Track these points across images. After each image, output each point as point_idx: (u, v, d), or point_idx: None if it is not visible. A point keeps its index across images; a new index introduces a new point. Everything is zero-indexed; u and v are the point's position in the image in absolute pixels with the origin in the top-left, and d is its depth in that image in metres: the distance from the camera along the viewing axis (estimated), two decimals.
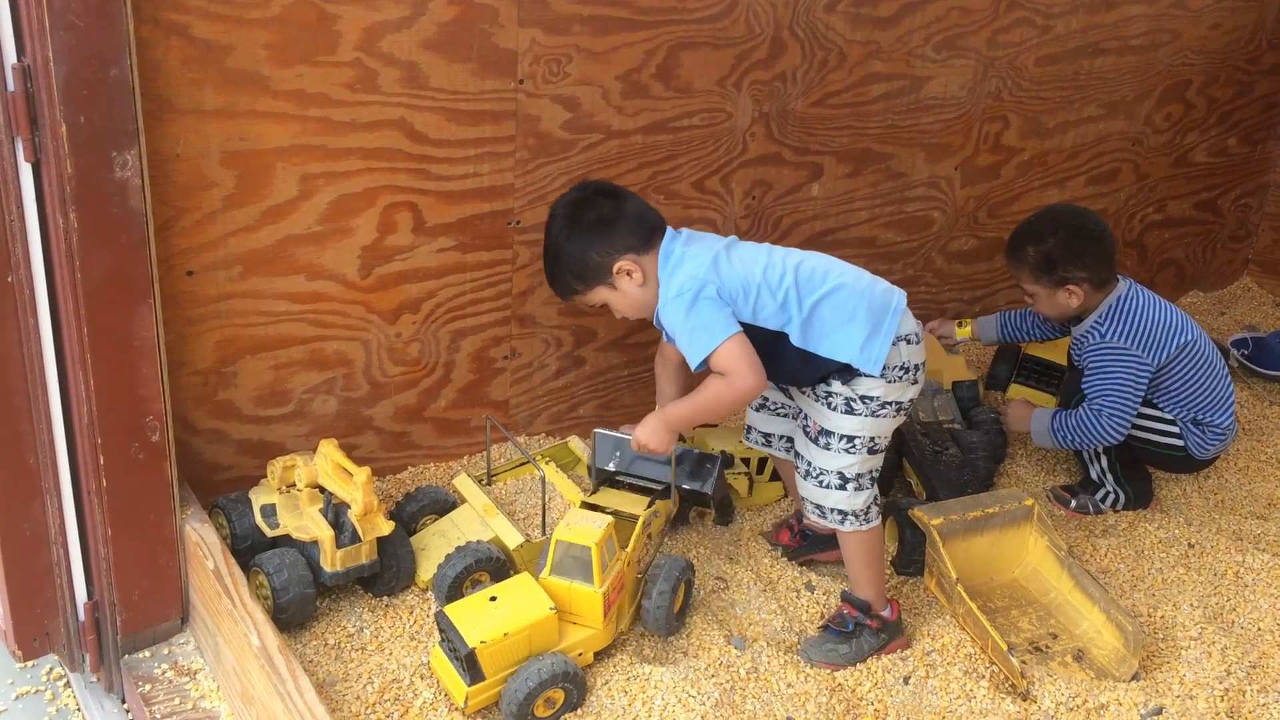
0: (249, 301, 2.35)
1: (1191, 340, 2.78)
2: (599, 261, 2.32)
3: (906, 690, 2.27)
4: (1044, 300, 2.84)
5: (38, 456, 2.08)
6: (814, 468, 2.33)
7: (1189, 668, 2.34)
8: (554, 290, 2.48)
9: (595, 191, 2.39)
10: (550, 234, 2.39)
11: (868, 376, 2.25)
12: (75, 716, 2.36)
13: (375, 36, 2.27)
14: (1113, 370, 2.73)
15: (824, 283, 2.27)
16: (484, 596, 2.18)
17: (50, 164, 1.89)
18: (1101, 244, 2.81)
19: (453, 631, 2.10)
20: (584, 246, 2.33)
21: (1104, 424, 2.72)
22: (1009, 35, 3.13)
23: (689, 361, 2.25)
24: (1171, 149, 3.67)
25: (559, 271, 2.39)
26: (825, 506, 2.33)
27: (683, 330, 2.23)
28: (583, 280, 2.36)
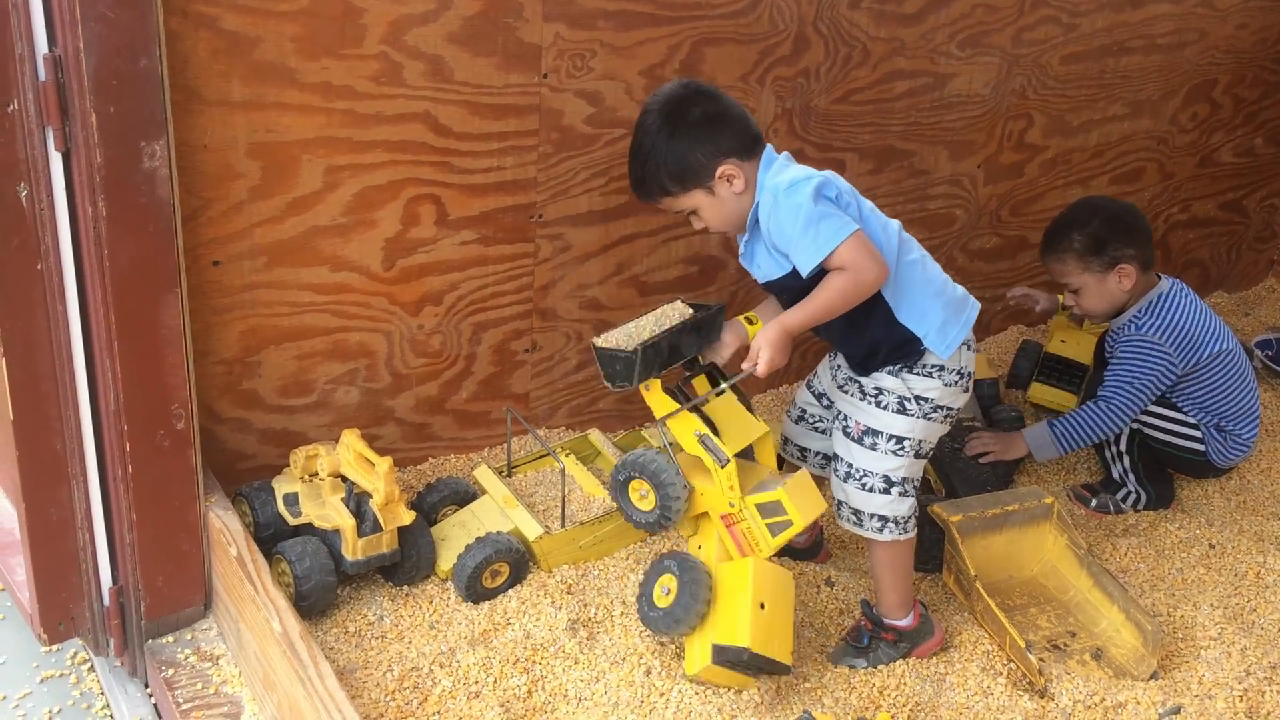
0: (274, 292, 2.37)
1: (1228, 349, 2.77)
2: (703, 163, 2.14)
3: (924, 686, 2.27)
4: (1092, 291, 2.80)
5: (65, 442, 2.10)
6: (856, 469, 2.25)
7: (1208, 667, 2.34)
8: (639, 193, 2.26)
9: (697, 90, 2.20)
10: (645, 130, 2.19)
11: (923, 376, 2.21)
12: (99, 700, 2.39)
13: (401, 30, 2.29)
14: (1138, 364, 2.72)
15: (914, 248, 2.22)
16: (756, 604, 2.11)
17: (80, 153, 1.91)
18: (1142, 222, 2.82)
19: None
20: (689, 145, 2.14)
21: (1109, 416, 2.70)
22: (1034, 33, 3.12)
23: (804, 263, 2.06)
24: (1197, 149, 3.65)
25: (653, 171, 2.18)
26: (865, 512, 2.26)
27: (796, 224, 2.05)
28: (680, 182, 2.17)
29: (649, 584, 2.19)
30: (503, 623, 2.32)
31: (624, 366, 2.10)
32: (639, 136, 2.21)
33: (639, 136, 2.21)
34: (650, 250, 2.81)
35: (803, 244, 2.06)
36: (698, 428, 2.14)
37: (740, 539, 2.17)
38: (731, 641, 2.08)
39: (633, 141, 2.23)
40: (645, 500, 2.15)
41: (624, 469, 2.16)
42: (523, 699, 2.16)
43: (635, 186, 2.25)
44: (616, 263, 2.78)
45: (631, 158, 2.23)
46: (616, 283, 2.80)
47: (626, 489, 2.17)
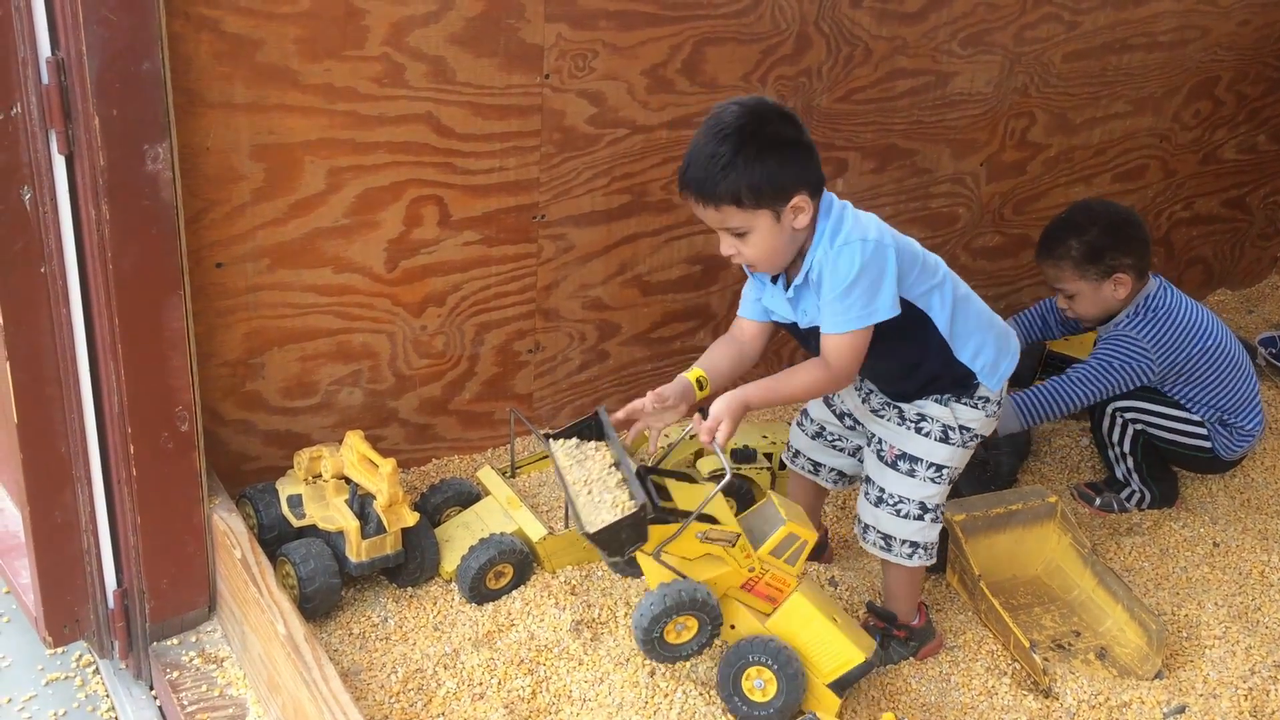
0: (277, 294, 2.37)
1: (1218, 342, 2.76)
2: (785, 186, 2.00)
3: (929, 687, 2.27)
4: (1088, 297, 2.79)
5: (69, 445, 2.11)
6: (889, 495, 2.22)
7: (1213, 666, 2.34)
8: (697, 192, 2.03)
9: (786, 113, 2.07)
10: (729, 134, 1.99)
11: (970, 407, 2.20)
12: (104, 703, 2.39)
13: (403, 31, 2.29)
14: (1114, 354, 2.72)
15: (960, 282, 2.18)
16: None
17: (83, 156, 1.91)
18: (1141, 230, 2.81)
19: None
20: (779, 164, 1.99)
21: (1072, 391, 2.71)
22: (1036, 31, 3.11)
23: (831, 326, 2.03)
24: (1200, 146, 3.64)
25: (731, 178, 1.98)
26: (897, 538, 2.23)
27: (844, 284, 2.00)
28: (755, 198, 1.99)
29: (730, 678, 2.10)
30: (507, 624, 2.32)
31: (632, 529, 1.98)
32: (718, 137, 2.00)
33: (718, 137, 2.00)
34: (653, 250, 2.81)
35: (837, 304, 2.02)
36: (695, 531, 2.07)
37: (764, 591, 2.15)
38: (846, 667, 2.09)
39: (705, 140, 2.02)
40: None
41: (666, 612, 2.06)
42: (527, 700, 2.16)
43: (695, 186, 2.03)
44: (619, 262, 2.78)
45: (701, 156, 2.01)
46: (619, 283, 2.80)
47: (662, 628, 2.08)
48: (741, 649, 2.09)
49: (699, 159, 2.02)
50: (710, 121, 2.05)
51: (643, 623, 2.05)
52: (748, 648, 2.09)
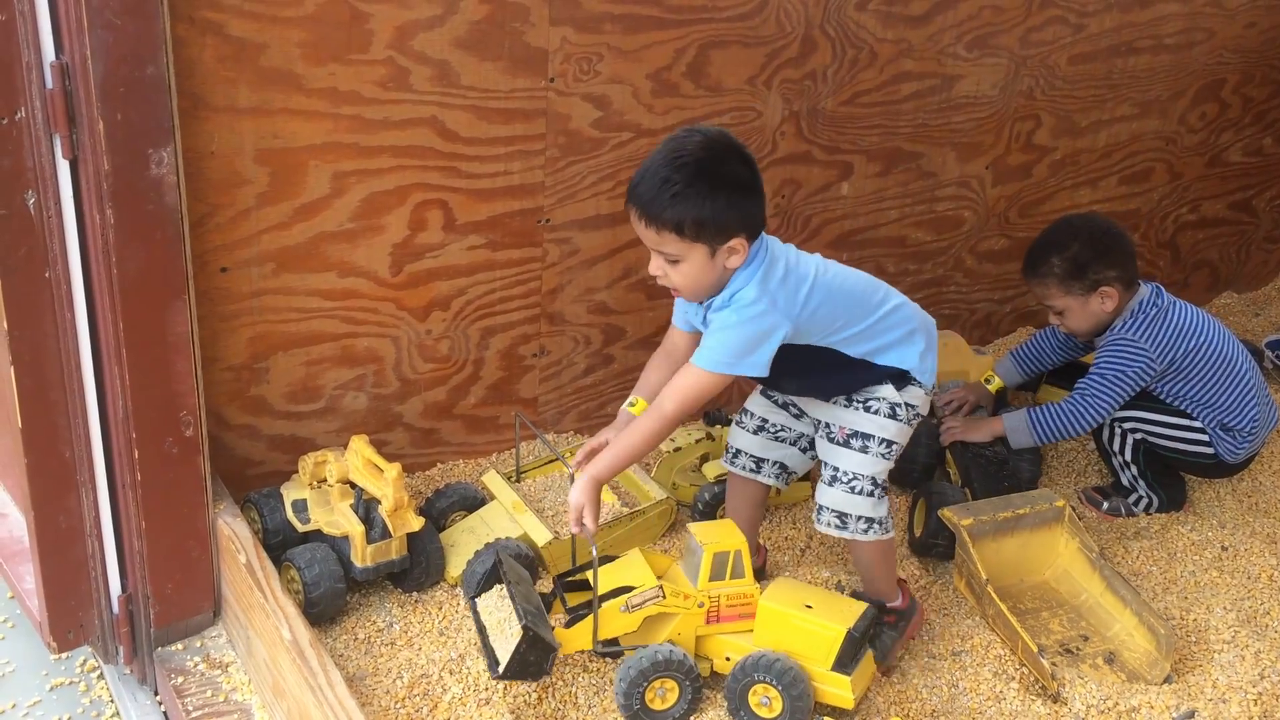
0: (281, 298, 2.37)
1: (1213, 344, 2.75)
2: (726, 226, 2.04)
3: (937, 691, 2.26)
4: (1076, 313, 2.79)
5: (74, 450, 2.10)
6: (843, 472, 2.26)
7: (1222, 671, 2.32)
8: (642, 210, 2.05)
9: (743, 152, 2.10)
10: (687, 163, 2.02)
11: (918, 386, 2.26)
12: (109, 708, 2.38)
13: (407, 35, 2.28)
14: (1116, 362, 2.71)
15: (890, 298, 2.26)
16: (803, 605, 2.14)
17: (87, 161, 1.91)
18: (1124, 241, 2.80)
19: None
20: (726, 204, 2.02)
21: (1086, 410, 2.70)
22: (1041, 34, 3.11)
23: (700, 352, 2.10)
24: (1206, 149, 3.63)
25: (678, 207, 2.01)
26: (852, 514, 2.25)
27: (726, 329, 2.08)
28: (696, 232, 2.02)
29: (738, 694, 2.10)
30: None
31: (533, 649, 2.02)
32: (675, 163, 2.03)
33: (675, 163, 2.03)
34: None
35: (716, 340, 2.09)
36: (619, 606, 2.10)
37: (733, 613, 2.16)
38: (836, 646, 2.09)
39: (661, 162, 2.05)
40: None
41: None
42: (533, 705, 2.15)
43: (642, 203, 2.06)
44: (624, 266, 2.77)
45: (654, 177, 2.04)
46: (624, 286, 2.80)
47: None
48: (746, 667, 2.10)
49: (652, 179, 2.04)
50: (671, 144, 2.08)
51: (620, 696, 2.09)
52: (752, 665, 2.09)
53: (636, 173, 2.09)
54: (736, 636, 2.17)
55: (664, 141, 2.11)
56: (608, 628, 2.11)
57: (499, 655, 2.04)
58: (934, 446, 2.83)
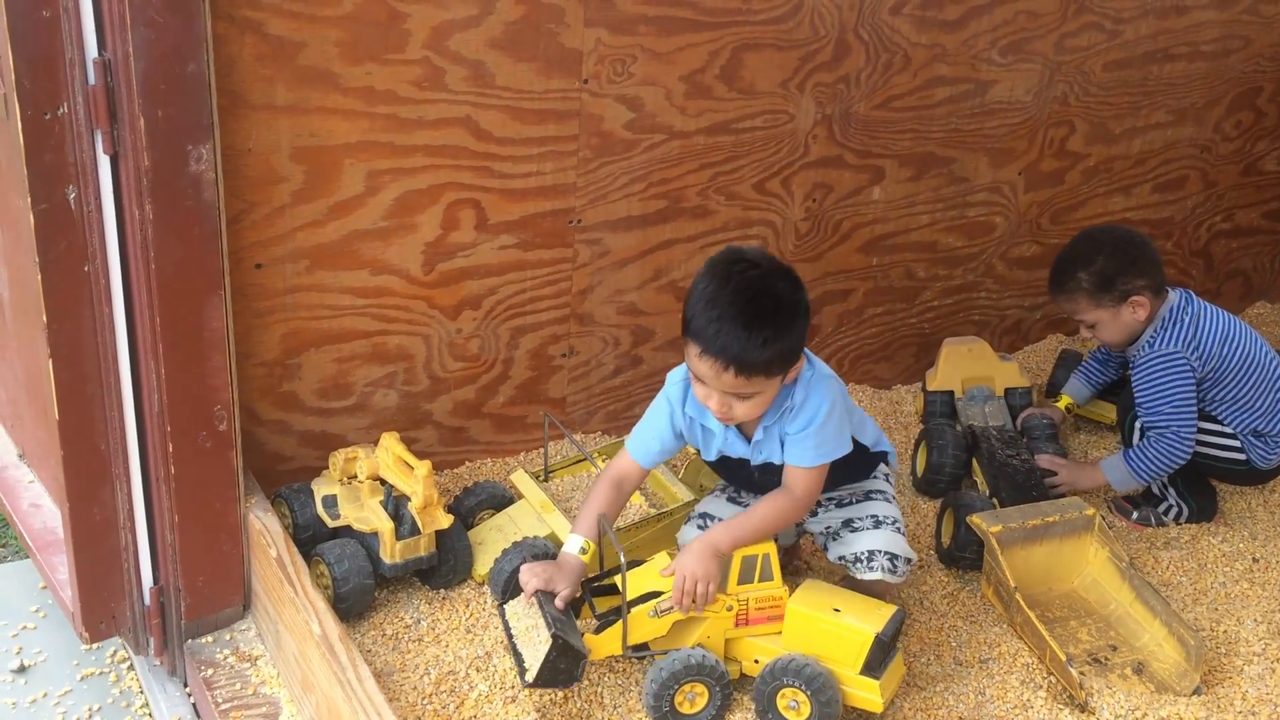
0: (314, 295, 2.39)
1: (1245, 349, 2.73)
2: (799, 348, 2.10)
3: (963, 699, 2.25)
4: (1108, 325, 2.77)
5: (109, 443, 2.12)
6: (885, 517, 2.30)
7: (1252, 684, 2.30)
8: (738, 364, 2.01)
9: (783, 269, 2.11)
10: (769, 301, 2.02)
11: (892, 465, 2.43)
12: (138, 699, 2.41)
13: (443, 35, 2.30)
14: (1162, 385, 2.68)
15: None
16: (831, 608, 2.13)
17: (128, 157, 1.93)
18: (1148, 248, 2.78)
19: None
20: (801, 328, 2.08)
21: (1177, 445, 2.67)
22: (1077, 40, 3.09)
23: (805, 460, 2.14)
24: (1241, 157, 3.60)
25: (772, 349, 2.01)
26: (900, 556, 2.28)
27: (819, 420, 2.12)
28: (784, 365, 2.07)
29: (766, 696, 2.09)
30: None
31: (564, 658, 2.02)
32: (753, 307, 2.00)
33: (753, 307, 2.00)
34: (688, 256, 2.80)
35: (813, 445, 2.14)
36: (647, 612, 2.10)
37: (761, 616, 2.16)
38: (865, 650, 2.08)
39: (736, 307, 2.00)
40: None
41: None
42: (559, 704, 2.16)
43: (732, 357, 2.00)
44: (655, 268, 2.78)
45: (734, 327, 1.99)
46: (655, 288, 2.80)
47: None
48: (776, 670, 2.09)
49: (733, 329, 1.99)
50: (734, 283, 2.03)
51: (649, 699, 2.09)
52: (781, 670, 2.09)
53: (701, 317, 2.02)
54: (765, 639, 2.17)
55: (716, 276, 2.05)
56: (637, 633, 2.11)
57: (528, 663, 2.04)
58: (961, 456, 2.81)
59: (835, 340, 3.16)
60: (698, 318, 2.04)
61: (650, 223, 2.71)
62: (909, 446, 3.02)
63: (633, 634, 2.11)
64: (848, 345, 3.19)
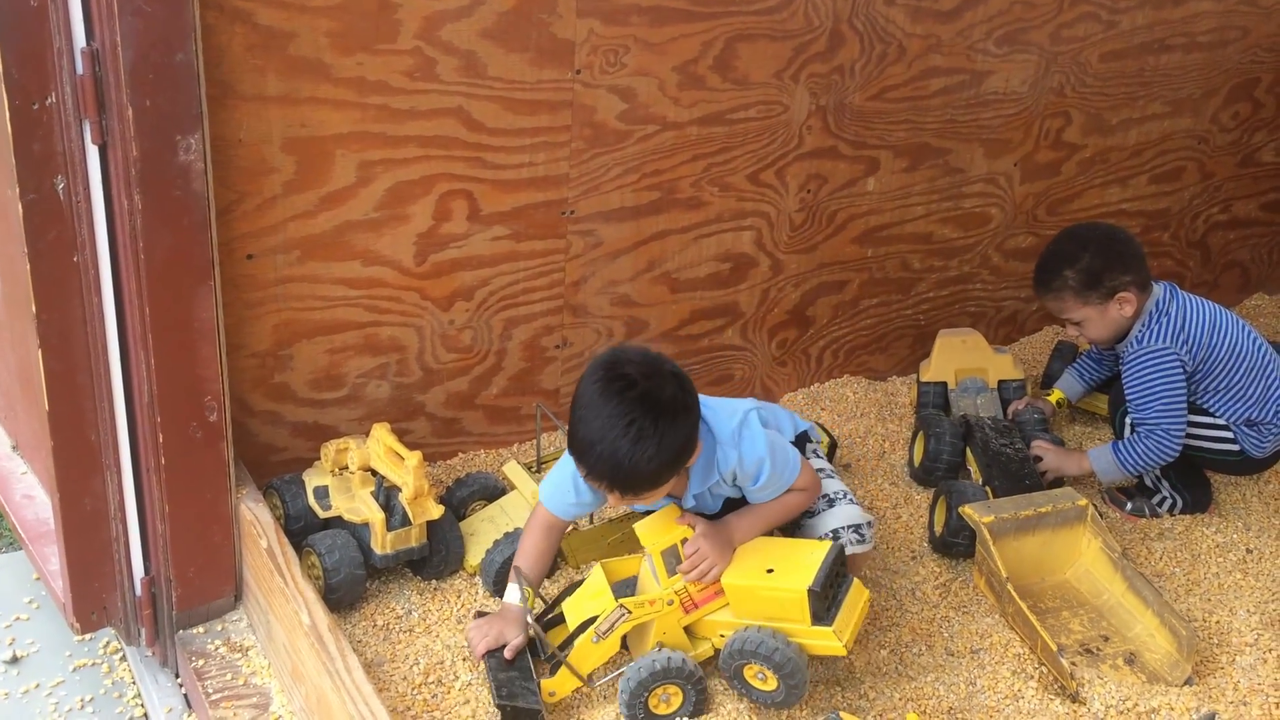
0: (306, 286, 2.38)
1: (1233, 336, 2.73)
2: (692, 443, 2.07)
3: (954, 689, 2.25)
4: (1095, 323, 2.77)
5: (99, 433, 2.12)
6: (835, 492, 2.32)
7: (1244, 674, 2.30)
8: (633, 492, 2.05)
9: (674, 373, 2.07)
10: (648, 422, 1.98)
11: (814, 438, 2.49)
12: (130, 689, 2.41)
13: (435, 25, 2.29)
14: (1151, 382, 2.68)
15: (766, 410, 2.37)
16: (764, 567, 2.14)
17: (116, 147, 1.93)
18: (1133, 244, 2.77)
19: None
20: (689, 427, 2.05)
21: (1166, 443, 2.66)
22: (1073, 30, 3.08)
23: (783, 488, 2.19)
24: (1238, 148, 3.60)
25: (663, 472, 2.02)
26: (862, 523, 2.30)
27: (767, 460, 2.13)
28: (670, 470, 2.04)
29: (734, 670, 2.10)
30: None
31: (519, 713, 2.07)
32: (632, 433, 1.97)
33: (632, 433, 1.97)
34: (682, 247, 2.80)
35: (776, 472, 2.17)
36: (590, 640, 2.10)
37: (704, 597, 2.15)
38: (804, 604, 2.06)
39: (617, 434, 1.97)
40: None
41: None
42: (548, 693, 2.15)
43: (627, 487, 2.03)
44: (648, 259, 2.77)
45: (620, 461, 1.98)
46: (648, 279, 2.80)
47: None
48: (735, 651, 2.09)
49: (621, 464, 1.98)
50: (612, 407, 1.98)
51: (623, 709, 2.08)
52: (739, 651, 2.08)
53: (580, 442, 2.01)
54: (722, 613, 2.16)
55: (594, 398, 1.99)
56: (588, 661, 2.12)
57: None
58: (958, 445, 2.81)
59: (830, 331, 3.16)
60: (577, 442, 2.01)
61: (643, 214, 2.71)
62: (903, 438, 3.02)
63: (585, 664, 2.11)
64: (843, 337, 3.19)
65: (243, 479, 2.32)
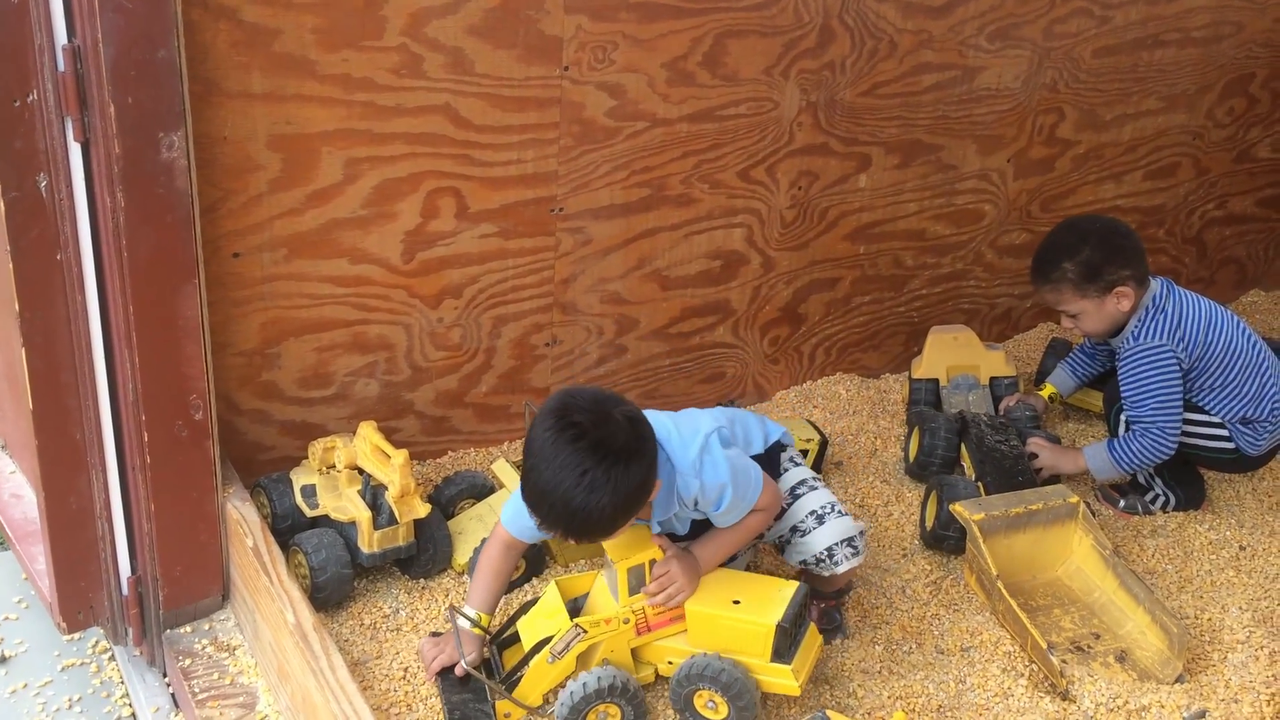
0: (293, 284, 2.38)
1: (1228, 334, 2.71)
2: (641, 494, 2.01)
3: (943, 687, 2.24)
4: (1092, 315, 2.75)
5: (84, 432, 2.12)
6: (824, 507, 2.26)
7: (1235, 671, 2.29)
8: (576, 535, 2.02)
9: (626, 415, 2.00)
10: (599, 474, 1.92)
11: (789, 444, 2.39)
12: (119, 689, 2.40)
13: (421, 22, 2.28)
14: (1146, 379, 2.66)
15: (738, 420, 2.34)
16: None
17: (99, 144, 1.92)
18: (1132, 238, 2.76)
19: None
20: (646, 470, 1.99)
21: (1160, 441, 2.65)
22: (1066, 26, 3.07)
23: (745, 510, 2.14)
24: (1234, 144, 3.58)
25: (611, 510, 1.95)
26: (855, 536, 2.25)
27: (729, 486, 2.09)
28: (626, 515, 2.00)
29: (683, 699, 2.08)
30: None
31: None
32: (587, 489, 1.91)
33: (587, 489, 1.91)
34: (672, 245, 2.79)
35: (739, 495, 2.12)
36: (545, 659, 2.08)
37: (659, 620, 2.13)
38: (769, 639, 2.05)
39: (569, 486, 1.92)
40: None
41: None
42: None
43: (584, 537, 2.03)
44: (638, 257, 2.76)
45: (572, 517, 1.95)
46: (638, 277, 2.79)
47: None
48: (690, 675, 2.06)
49: (566, 513, 1.94)
50: (565, 463, 1.92)
51: (562, 713, 2.04)
52: (696, 675, 2.06)
53: (532, 492, 1.96)
54: (674, 640, 2.14)
55: (544, 447, 1.93)
56: (544, 682, 2.09)
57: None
58: (953, 440, 2.80)
59: (822, 329, 3.15)
60: (529, 492, 1.97)
61: (633, 211, 2.70)
62: (896, 435, 3.01)
63: (542, 684, 2.09)
64: (835, 334, 3.18)
65: (230, 478, 2.31)
